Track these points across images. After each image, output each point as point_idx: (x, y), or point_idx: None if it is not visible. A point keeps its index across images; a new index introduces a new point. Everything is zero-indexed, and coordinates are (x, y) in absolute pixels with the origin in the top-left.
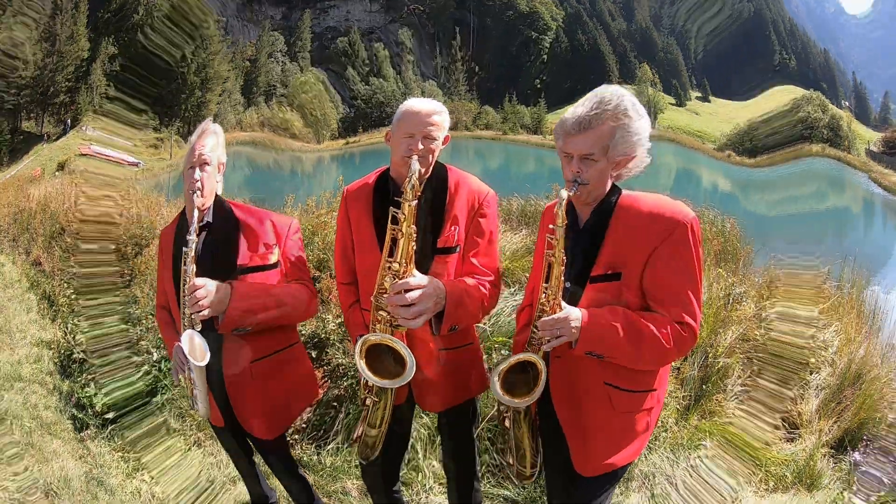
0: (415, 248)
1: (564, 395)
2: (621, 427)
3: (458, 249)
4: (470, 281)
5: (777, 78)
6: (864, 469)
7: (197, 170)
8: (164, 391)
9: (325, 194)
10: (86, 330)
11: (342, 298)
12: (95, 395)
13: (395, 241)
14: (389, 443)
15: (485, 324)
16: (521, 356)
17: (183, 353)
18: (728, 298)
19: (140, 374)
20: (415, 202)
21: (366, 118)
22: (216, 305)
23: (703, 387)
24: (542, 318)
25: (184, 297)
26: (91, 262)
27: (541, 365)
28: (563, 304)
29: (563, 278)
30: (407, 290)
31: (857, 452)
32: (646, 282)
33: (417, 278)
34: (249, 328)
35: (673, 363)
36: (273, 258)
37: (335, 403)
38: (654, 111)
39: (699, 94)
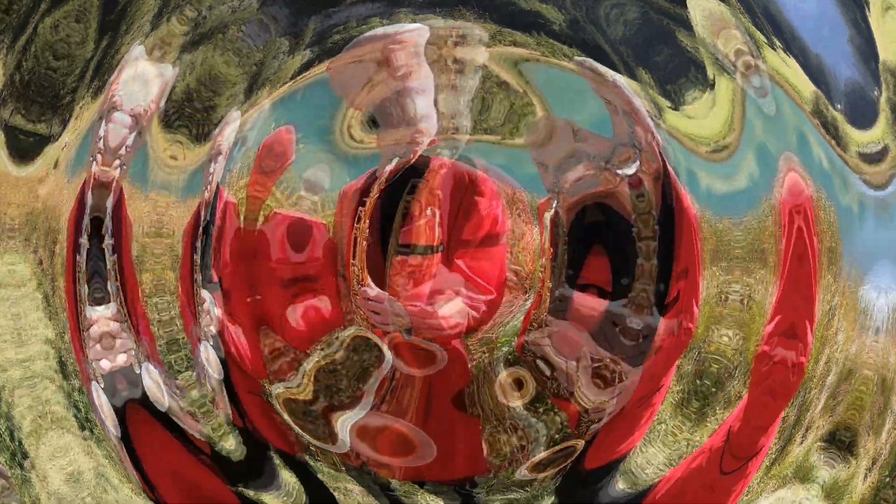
0: (366, 245)
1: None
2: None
3: (440, 249)
4: (452, 309)
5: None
6: None
7: (102, 121)
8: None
9: (249, 154)
10: None
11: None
12: None
13: (355, 239)
14: None
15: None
16: (564, 444)
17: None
18: (830, 314)
19: None
20: (377, 195)
21: (331, 53)
22: None
23: (792, 430)
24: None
25: (82, 331)
26: None
27: (580, 445)
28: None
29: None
30: (368, 298)
31: None
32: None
33: (375, 291)
34: None
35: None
36: None
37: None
38: (756, 44)
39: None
